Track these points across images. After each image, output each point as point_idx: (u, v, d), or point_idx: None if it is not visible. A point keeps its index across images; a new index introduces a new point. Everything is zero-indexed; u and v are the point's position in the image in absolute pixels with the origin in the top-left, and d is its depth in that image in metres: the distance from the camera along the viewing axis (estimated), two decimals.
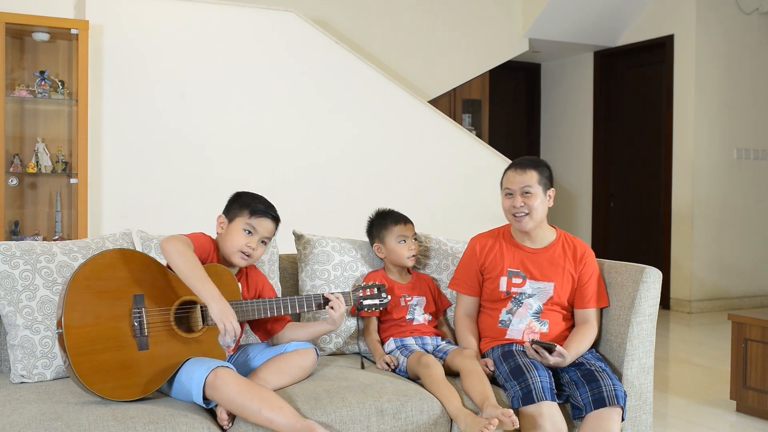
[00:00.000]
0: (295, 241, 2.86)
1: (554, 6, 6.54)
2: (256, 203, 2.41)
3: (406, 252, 2.74)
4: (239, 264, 2.40)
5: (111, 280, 2.16)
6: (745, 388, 3.60)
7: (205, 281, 2.19)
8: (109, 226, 4.63)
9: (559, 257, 2.63)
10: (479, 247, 2.71)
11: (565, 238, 2.69)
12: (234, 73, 5.05)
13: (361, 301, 2.55)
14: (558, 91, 8.08)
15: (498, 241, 2.70)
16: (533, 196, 2.57)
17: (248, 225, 2.38)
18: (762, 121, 6.83)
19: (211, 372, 2.06)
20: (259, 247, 2.40)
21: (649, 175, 7.11)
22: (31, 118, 4.55)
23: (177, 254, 2.19)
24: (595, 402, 2.30)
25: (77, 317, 2.09)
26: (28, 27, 4.39)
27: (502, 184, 2.66)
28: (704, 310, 6.57)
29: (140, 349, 2.14)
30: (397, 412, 2.24)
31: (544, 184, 2.61)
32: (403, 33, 6.27)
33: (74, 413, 1.97)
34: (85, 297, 2.12)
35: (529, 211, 2.57)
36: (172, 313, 2.21)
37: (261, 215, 2.39)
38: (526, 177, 2.58)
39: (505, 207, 2.63)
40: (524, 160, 2.65)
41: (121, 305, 2.15)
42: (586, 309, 2.60)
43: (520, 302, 2.60)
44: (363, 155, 5.45)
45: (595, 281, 2.62)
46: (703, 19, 6.51)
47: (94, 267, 2.15)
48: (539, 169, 2.61)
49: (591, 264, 2.64)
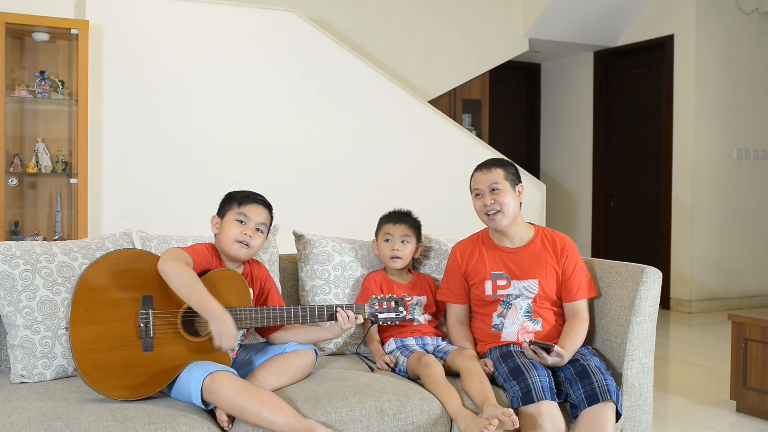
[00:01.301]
0: (295, 241, 2.86)
1: (554, 6, 6.54)
2: (243, 194, 2.44)
3: (388, 251, 2.73)
4: (240, 255, 2.38)
5: (122, 279, 2.17)
6: (745, 388, 3.60)
7: (204, 300, 2.16)
8: (109, 226, 4.63)
9: (539, 253, 2.63)
10: (460, 254, 2.71)
11: (544, 233, 2.69)
12: (234, 73, 5.05)
13: (376, 314, 2.48)
14: (558, 91, 8.08)
15: (477, 245, 2.71)
16: (502, 192, 2.59)
17: (239, 214, 2.39)
18: (762, 121, 6.83)
19: (208, 376, 2.06)
20: (255, 236, 2.39)
21: (649, 175, 7.11)
22: (31, 118, 4.55)
23: (175, 276, 2.17)
24: (588, 398, 2.30)
25: (83, 315, 2.10)
26: (28, 27, 4.39)
27: (471, 187, 2.68)
28: (704, 310, 6.56)
29: (145, 350, 2.14)
30: (397, 412, 2.24)
31: (511, 180, 2.63)
32: (403, 33, 6.27)
33: (74, 413, 1.97)
34: (93, 295, 2.12)
35: (501, 208, 2.58)
36: (179, 316, 2.21)
37: (249, 202, 2.41)
38: (492, 175, 2.60)
39: (477, 208, 2.64)
40: (488, 160, 2.69)
41: (129, 305, 2.16)
42: (574, 301, 2.60)
43: (508, 304, 2.60)
44: (363, 155, 5.45)
45: (580, 272, 2.62)
46: (703, 19, 6.51)
47: (106, 265, 2.16)
48: (504, 167, 2.64)
49: (573, 255, 2.64)
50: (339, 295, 2.78)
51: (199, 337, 2.23)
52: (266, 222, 2.44)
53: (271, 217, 2.49)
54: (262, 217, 2.42)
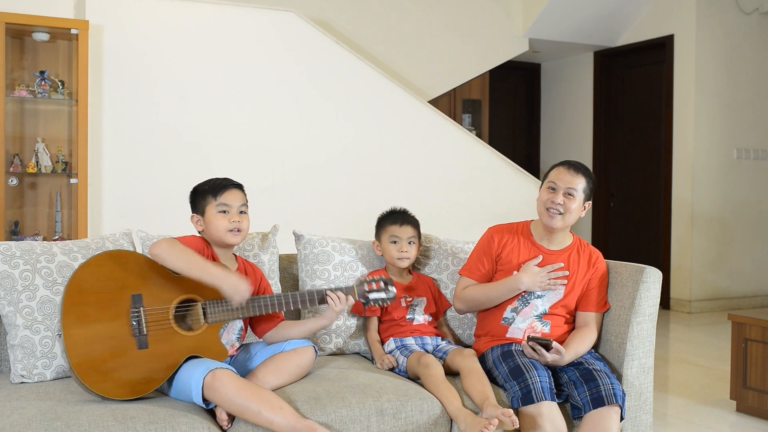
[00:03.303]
0: (295, 241, 2.86)
1: (554, 6, 6.54)
2: (212, 183, 2.42)
3: (396, 253, 2.73)
4: (234, 242, 2.39)
5: (107, 281, 2.17)
6: (745, 388, 3.60)
7: (206, 267, 2.20)
8: (109, 226, 4.63)
9: (573, 261, 2.63)
10: (497, 237, 2.69)
11: (581, 243, 2.70)
12: (234, 73, 5.05)
13: (366, 295, 2.49)
14: (558, 91, 8.08)
15: (516, 236, 2.69)
16: (574, 200, 2.57)
17: (220, 205, 2.38)
18: (762, 121, 6.83)
19: (209, 373, 2.06)
20: (242, 219, 2.40)
21: (649, 175, 7.11)
22: (31, 118, 4.55)
23: (169, 253, 2.19)
24: (593, 401, 2.30)
25: (75, 320, 2.09)
26: (28, 27, 4.39)
27: (548, 176, 2.64)
28: (704, 310, 6.56)
29: (140, 348, 2.14)
30: (397, 412, 2.24)
31: (587, 193, 2.62)
32: (403, 33, 6.27)
33: (74, 413, 1.98)
34: (82, 299, 2.12)
35: (565, 212, 2.57)
36: (171, 311, 2.21)
37: (224, 189, 2.40)
38: (576, 179, 2.58)
39: (543, 199, 2.61)
40: (578, 163, 2.64)
41: (118, 306, 2.15)
42: (588, 312, 2.61)
43: (527, 301, 2.60)
44: (363, 155, 5.45)
45: (603, 288, 2.64)
46: (703, 19, 6.51)
47: (88, 271, 2.16)
48: (588, 179, 2.61)
49: (601, 269, 2.65)
50: None
51: (193, 330, 2.23)
52: (245, 202, 2.45)
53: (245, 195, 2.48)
54: (240, 200, 2.42)
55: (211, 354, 2.21)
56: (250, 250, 2.72)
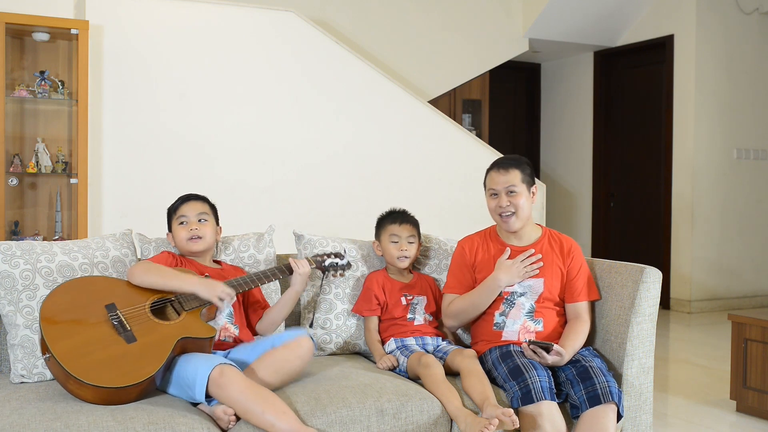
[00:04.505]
0: (295, 241, 2.86)
1: (554, 6, 6.54)
2: (175, 201, 2.62)
3: (396, 252, 2.74)
4: (196, 248, 2.52)
5: (78, 301, 2.23)
6: (745, 388, 3.61)
7: (179, 277, 2.33)
8: (109, 226, 4.63)
9: (546, 253, 2.63)
10: (468, 246, 2.72)
11: (551, 234, 2.71)
12: (234, 73, 5.05)
13: (322, 264, 2.67)
14: (558, 91, 8.08)
15: (485, 240, 2.71)
16: (518, 195, 2.59)
17: (178, 218, 2.56)
18: (762, 121, 6.83)
19: (216, 368, 2.06)
20: (201, 226, 2.53)
21: (649, 175, 7.11)
22: (31, 118, 4.55)
23: (144, 274, 2.34)
24: (589, 400, 2.30)
25: (58, 336, 2.12)
26: (28, 27, 4.39)
27: (486, 184, 2.67)
28: (704, 310, 6.56)
29: (129, 342, 2.16)
30: (397, 412, 2.24)
31: (527, 181, 2.64)
32: (403, 33, 6.27)
33: (74, 413, 1.98)
34: (58, 320, 2.16)
35: (516, 210, 2.59)
36: (147, 307, 2.27)
37: (180, 203, 2.59)
38: (510, 176, 2.61)
39: (491, 207, 2.64)
40: (505, 159, 2.67)
41: (95, 316, 2.21)
42: (576, 303, 2.61)
43: (512, 303, 2.60)
44: (363, 155, 5.45)
45: (584, 275, 2.64)
46: (703, 19, 6.51)
47: (57, 297, 2.22)
48: (521, 167, 2.63)
49: (578, 258, 2.65)
50: (339, 295, 2.78)
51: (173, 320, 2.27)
52: (206, 210, 2.60)
53: (210, 205, 2.64)
54: (198, 209, 2.57)
55: (200, 332, 2.24)
56: (245, 250, 2.73)
